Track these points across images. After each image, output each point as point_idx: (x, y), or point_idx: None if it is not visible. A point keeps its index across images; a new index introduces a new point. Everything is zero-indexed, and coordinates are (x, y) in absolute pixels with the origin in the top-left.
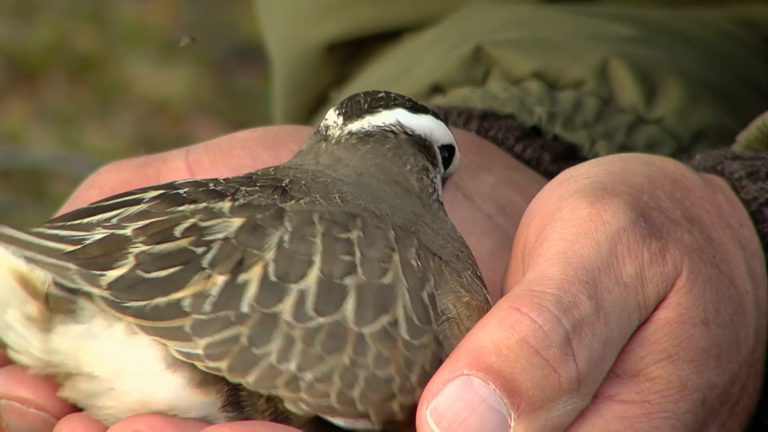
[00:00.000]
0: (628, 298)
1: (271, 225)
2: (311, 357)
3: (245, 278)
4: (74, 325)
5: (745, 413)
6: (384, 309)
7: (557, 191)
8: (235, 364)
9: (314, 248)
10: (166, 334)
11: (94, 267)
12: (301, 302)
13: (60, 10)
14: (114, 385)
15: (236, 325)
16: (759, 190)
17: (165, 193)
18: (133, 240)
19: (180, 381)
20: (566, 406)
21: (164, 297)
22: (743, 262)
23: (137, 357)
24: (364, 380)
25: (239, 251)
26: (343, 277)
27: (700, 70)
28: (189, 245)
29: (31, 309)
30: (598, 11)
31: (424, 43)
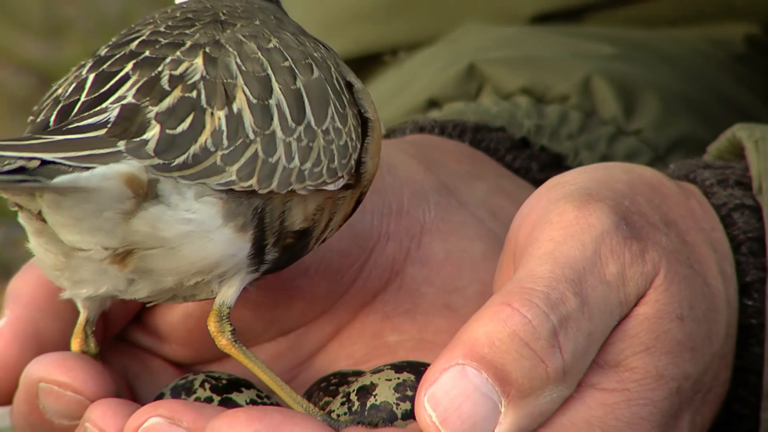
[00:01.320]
0: (610, 295)
1: (222, 54)
2: (304, 152)
3: (237, 107)
4: (154, 205)
5: (717, 401)
6: (326, 103)
7: (546, 196)
8: (262, 177)
9: (263, 64)
10: (206, 173)
11: (132, 138)
12: (283, 118)
13: (86, 30)
14: (181, 245)
15: (252, 146)
16: (728, 197)
17: (137, 61)
18: (141, 105)
19: (230, 231)
20: (552, 394)
21: (195, 144)
22: (715, 263)
23: (202, 217)
24: (336, 151)
25: (219, 83)
26: (294, 82)
27: (675, 85)
28: (183, 93)
29: (129, 204)
30: (582, 32)
31: (422, 61)
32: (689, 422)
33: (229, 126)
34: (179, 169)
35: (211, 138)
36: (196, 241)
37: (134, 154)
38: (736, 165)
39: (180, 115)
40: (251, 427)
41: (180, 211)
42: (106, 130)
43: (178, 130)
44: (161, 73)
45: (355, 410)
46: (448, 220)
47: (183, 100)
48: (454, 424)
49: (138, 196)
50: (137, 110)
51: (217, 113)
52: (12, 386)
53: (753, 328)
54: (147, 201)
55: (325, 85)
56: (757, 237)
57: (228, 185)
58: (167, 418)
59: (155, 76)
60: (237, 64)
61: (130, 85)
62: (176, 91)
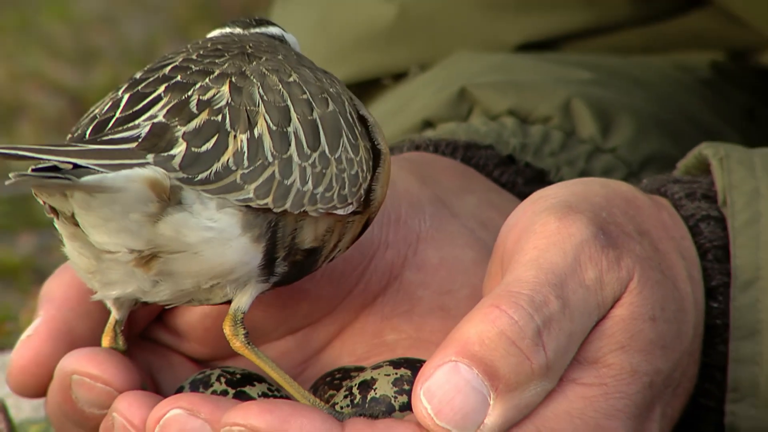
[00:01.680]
0: (589, 298)
1: (246, 84)
2: (318, 176)
3: (258, 132)
4: (179, 212)
5: (686, 394)
6: (339, 134)
7: (530, 209)
8: (277, 197)
9: (283, 95)
10: (226, 189)
11: (160, 153)
12: (299, 145)
13: (113, 56)
14: (202, 250)
15: (269, 168)
16: (696, 208)
17: (169, 84)
18: (170, 124)
19: (247, 240)
20: (537, 388)
21: (218, 162)
22: (684, 269)
23: (223, 226)
24: (347, 179)
25: (243, 110)
26: (311, 113)
27: (647, 107)
28: (210, 117)
29: (153, 207)
30: (562, 59)
31: (417, 85)
32: (660, 414)
33: (250, 148)
34: (202, 184)
35: (233, 158)
36: (217, 247)
37: (161, 166)
38: (702, 180)
39: (205, 135)
40: (262, 418)
41: (203, 219)
42: (136, 144)
43: (203, 149)
44: (190, 97)
45: (357, 403)
46: (441, 230)
47: (209, 123)
48: (447, 415)
49: (162, 200)
50: (167, 128)
51: (240, 136)
52: (47, 379)
53: (718, 328)
54: (171, 207)
55: (339, 118)
56: (722, 245)
57: (245, 202)
58: (187, 410)
59: (185, 100)
60: (260, 94)
61: (161, 106)
62: (203, 114)
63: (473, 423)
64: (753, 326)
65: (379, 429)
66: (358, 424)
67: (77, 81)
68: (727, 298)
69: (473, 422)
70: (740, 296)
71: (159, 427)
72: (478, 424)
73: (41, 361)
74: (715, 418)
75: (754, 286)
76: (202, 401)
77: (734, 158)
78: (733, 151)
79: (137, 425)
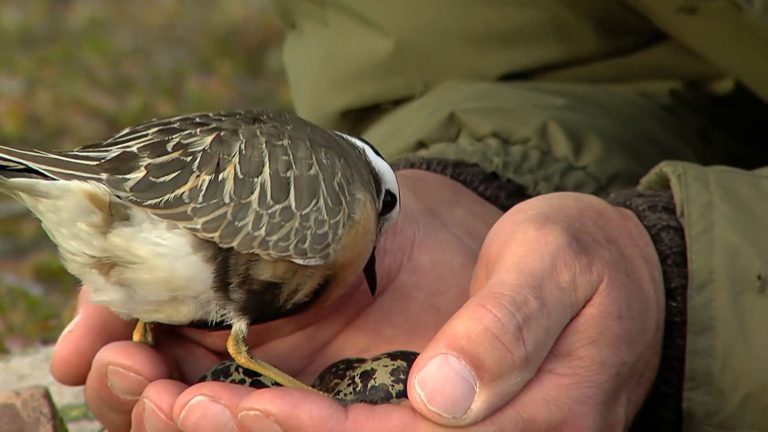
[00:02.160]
0: (564, 299)
1: (232, 140)
2: (274, 226)
3: (223, 176)
4: (128, 227)
5: (648, 383)
6: (314, 195)
7: (512, 219)
8: (224, 234)
9: (263, 153)
10: (175, 217)
11: (116, 174)
12: (263, 195)
13: (146, 85)
14: (154, 263)
15: (222, 207)
16: (657, 219)
17: (163, 128)
18: (139, 155)
19: (197, 258)
20: (517, 378)
21: (171, 193)
22: (647, 272)
23: (172, 244)
24: (310, 236)
25: (216, 157)
26: (286, 171)
27: (613, 130)
28: (180, 156)
29: (96, 219)
30: (539, 87)
31: (411, 110)
32: (626, 400)
33: (209, 188)
34: (151, 207)
35: (188, 192)
36: (168, 261)
37: (111, 183)
38: (663, 194)
39: (168, 170)
40: (275, 403)
41: (152, 236)
42: (98, 163)
43: (160, 180)
44: (172, 140)
45: (359, 390)
46: (433, 238)
47: (176, 161)
48: (438, 401)
49: (103, 212)
50: (134, 157)
51: (203, 176)
52: (85, 369)
53: (677, 325)
54: (118, 221)
55: (320, 183)
56: (680, 251)
57: (193, 231)
58: (209, 397)
59: (166, 140)
60: (240, 149)
61: (141, 142)
62: (175, 153)
63: (461, 408)
64: (707, 323)
65: (378, 413)
66: (360, 408)
67: (113, 107)
68: (684, 298)
69: (461, 408)
70: (696, 296)
71: (184, 411)
72: (466, 410)
73: (81, 353)
74: (674, 404)
75: (709, 287)
76: (222, 389)
77: (691, 175)
78: (689, 168)
79: (165, 410)
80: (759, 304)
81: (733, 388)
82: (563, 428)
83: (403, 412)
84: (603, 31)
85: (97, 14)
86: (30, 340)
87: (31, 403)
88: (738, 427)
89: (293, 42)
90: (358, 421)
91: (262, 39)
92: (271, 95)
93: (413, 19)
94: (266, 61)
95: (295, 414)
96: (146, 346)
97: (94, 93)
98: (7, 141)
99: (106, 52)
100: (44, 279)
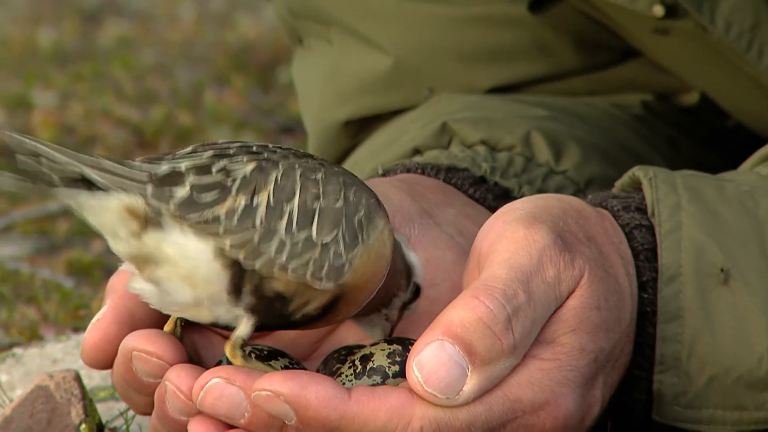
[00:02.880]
0: (549, 292)
1: (271, 169)
2: (295, 253)
3: (257, 201)
4: (159, 232)
5: (623, 367)
6: (336, 226)
7: (502, 218)
8: (249, 255)
9: (296, 184)
10: (209, 233)
11: (163, 187)
12: (290, 223)
13: (167, 98)
14: (180, 262)
15: (250, 231)
16: (630, 218)
17: (217, 152)
18: (185, 174)
19: (218, 264)
20: (505, 363)
21: (210, 211)
22: (622, 267)
23: (197, 248)
24: (326, 266)
25: (253, 183)
26: (313, 204)
27: (590, 138)
28: (221, 179)
29: (134, 226)
30: (522, 99)
31: (408, 120)
32: (603, 383)
33: (243, 211)
34: (188, 222)
35: (224, 212)
36: (191, 262)
37: (157, 196)
38: (635, 195)
39: (208, 189)
40: (285, 385)
41: (180, 240)
42: (148, 174)
43: (201, 199)
44: (218, 163)
45: (359, 372)
46: (427, 236)
47: (217, 183)
48: (434, 383)
49: (139, 221)
50: (180, 175)
51: (240, 199)
52: (112, 354)
53: (648, 314)
54: (153, 227)
55: (342, 217)
56: (651, 248)
57: (221, 249)
58: (225, 379)
59: (213, 163)
60: (276, 178)
61: (192, 160)
62: (218, 175)
63: (454, 390)
64: (676, 312)
65: (378, 394)
66: (362, 389)
67: (138, 117)
68: (655, 290)
69: (454, 389)
70: (665, 288)
71: (203, 393)
72: (458, 391)
73: (108, 340)
74: (645, 386)
75: (677, 280)
76: (237, 372)
77: (660, 178)
78: (659, 172)
79: (185, 391)
80: (722, 295)
81: (698, 371)
82: (546, 407)
83: (401, 393)
84: (581, 49)
85: (125, 34)
86: (62, 328)
87: (63, 385)
88: (703, 407)
89: (301, 58)
90: (360, 401)
91: (273, 56)
92: (281, 107)
93: (410, 39)
94: (276, 75)
95: (303, 394)
96: (167, 334)
97: (121, 105)
98: None
99: (132, 68)
100: (75, 273)
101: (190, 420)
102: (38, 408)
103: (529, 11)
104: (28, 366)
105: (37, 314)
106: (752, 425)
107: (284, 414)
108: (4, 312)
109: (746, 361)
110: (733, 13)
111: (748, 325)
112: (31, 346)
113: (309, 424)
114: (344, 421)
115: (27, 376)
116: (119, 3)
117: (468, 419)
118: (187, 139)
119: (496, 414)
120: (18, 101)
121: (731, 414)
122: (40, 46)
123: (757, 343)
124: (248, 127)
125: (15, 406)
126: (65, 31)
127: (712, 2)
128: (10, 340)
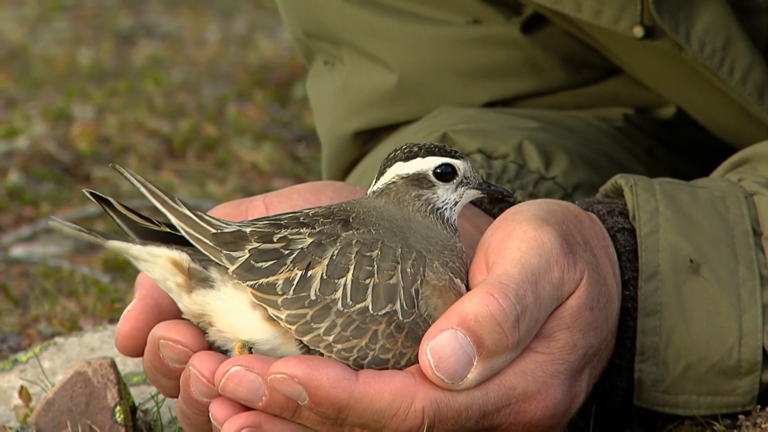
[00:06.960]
0: (553, 293)
1: (329, 245)
2: (342, 337)
3: (312, 273)
4: (206, 288)
5: (606, 360)
6: (390, 300)
7: (511, 218)
8: (300, 330)
9: (350, 261)
10: (267, 302)
11: (226, 248)
12: (344, 295)
13: (194, 111)
14: (223, 316)
15: (306, 307)
16: (614, 222)
17: (271, 222)
18: (249, 237)
19: (257, 316)
20: (507, 356)
21: (266, 279)
22: (611, 270)
23: (237, 302)
24: (371, 357)
25: (309, 257)
26: (365, 279)
27: (577, 147)
28: (280, 248)
29: (179, 279)
30: (515, 112)
31: (412, 131)
32: (588, 375)
33: (299, 282)
34: (250, 287)
35: (282, 282)
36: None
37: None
38: (618, 201)
39: (266, 257)
40: (299, 368)
41: (221, 294)
42: (215, 230)
43: (258, 265)
44: (281, 232)
45: None
46: None
47: (275, 251)
48: (443, 368)
49: (184, 275)
50: (244, 236)
51: (295, 270)
52: (143, 342)
53: (629, 309)
54: (200, 283)
55: (396, 294)
56: (633, 249)
57: (276, 318)
58: (244, 366)
59: (275, 233)
60: (332, 254)
61: (262, 227)
62: (277, 243)
63: (459, 376)
64: (654, 307)
65: (384, 376)
66: (369, 371)
67: (168, 129)
68: (635, 288)
69: (460, 376)
70: (645, 286)
71: (224, 379)
72: (463, 378)
73: (138, 328)
74: (626, 374)
75: (655, 278)
76: (255, 360)
77: (640, 185)
78: (639, 180)
79: (207, 376)
80: (696, 287)
81: (675, 360)
82: (537, 396)
83: (405, 376)
84: (568, 67)
85: (156, 54)
86: (100, 320)
87: (100, 371)
88: (680, 393)
89: (314, 76)
90: (366, 382)
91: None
92: (297, 119)
93: (413, 58)
94: (293, 91)
95: (315, 376)
96: (191, 324)
97: (152, 117)
98: (81, 157)
99: (162, 85)
100: (111, 270)
101: (211, 402)
102: (77, 392)
103: (521, 32)
104: (69, 354)
105: (76, 307)
106: (724, 409)
107: (298, 395)
108: (47, 305)
109: (718, 351)
110: (706, 33)
111: (720, 319)
112: (71, 335)
113: (320, 403)
114: (352, 401)
115: (67, 363)
116: (151, 26)
117: (466, 402)
118: (212, 149)
119: (492, 399)
120: (60, 114)
121: (705, 399)
122: (80, 65)
123: (728, 334)
124: (267, 138)
125: (56, 390)
126: (102, 51)
127: (687, 23)
128: (52, 330)
